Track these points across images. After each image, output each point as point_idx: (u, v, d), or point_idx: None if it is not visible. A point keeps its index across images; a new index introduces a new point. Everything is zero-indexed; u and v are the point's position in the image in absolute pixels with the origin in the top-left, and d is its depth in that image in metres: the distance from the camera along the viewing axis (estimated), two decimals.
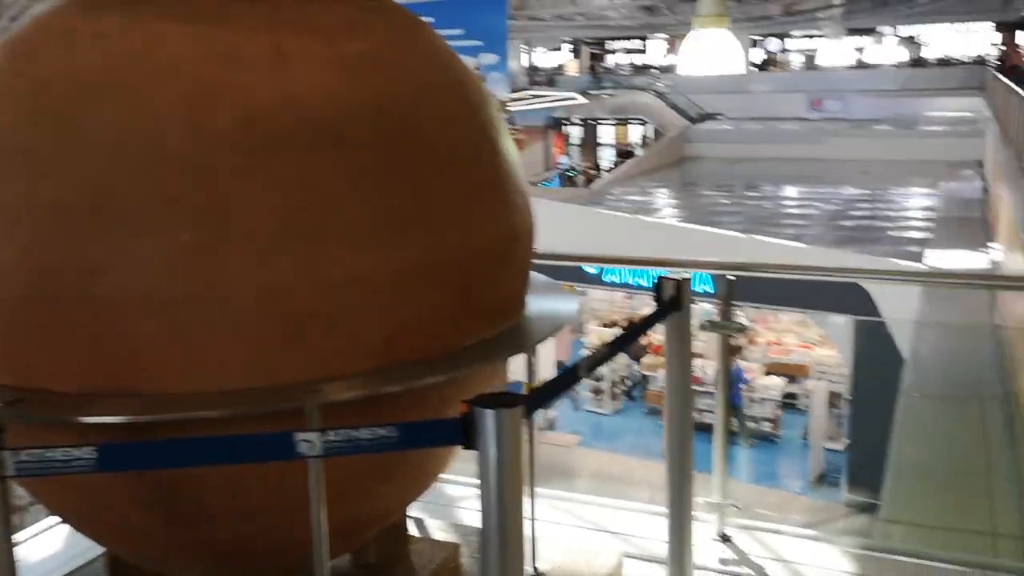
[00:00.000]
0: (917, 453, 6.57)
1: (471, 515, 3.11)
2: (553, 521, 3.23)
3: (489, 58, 14.37)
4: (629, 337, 2.36)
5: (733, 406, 14.88)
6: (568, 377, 1.91)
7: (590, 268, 14.12)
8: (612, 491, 3.81)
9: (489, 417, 1.55)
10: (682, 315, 2.54)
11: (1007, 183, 12.50)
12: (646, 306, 2.87)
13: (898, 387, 8.22)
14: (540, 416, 14.93)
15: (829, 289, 11.83)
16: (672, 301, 2.50)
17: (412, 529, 2.99)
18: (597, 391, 15.73)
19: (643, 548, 2.99)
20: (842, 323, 12.95)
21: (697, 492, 3.15)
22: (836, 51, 23.49)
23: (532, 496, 2.63)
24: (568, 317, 2.28)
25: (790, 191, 23.43)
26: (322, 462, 1.74)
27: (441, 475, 2.56)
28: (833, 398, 14.36)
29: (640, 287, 14.34)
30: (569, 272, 14.17)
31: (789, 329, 16.98)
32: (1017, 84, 22.93)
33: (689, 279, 2.54)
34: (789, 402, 15.64)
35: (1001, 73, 24.01)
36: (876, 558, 3.11)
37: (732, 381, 14.65)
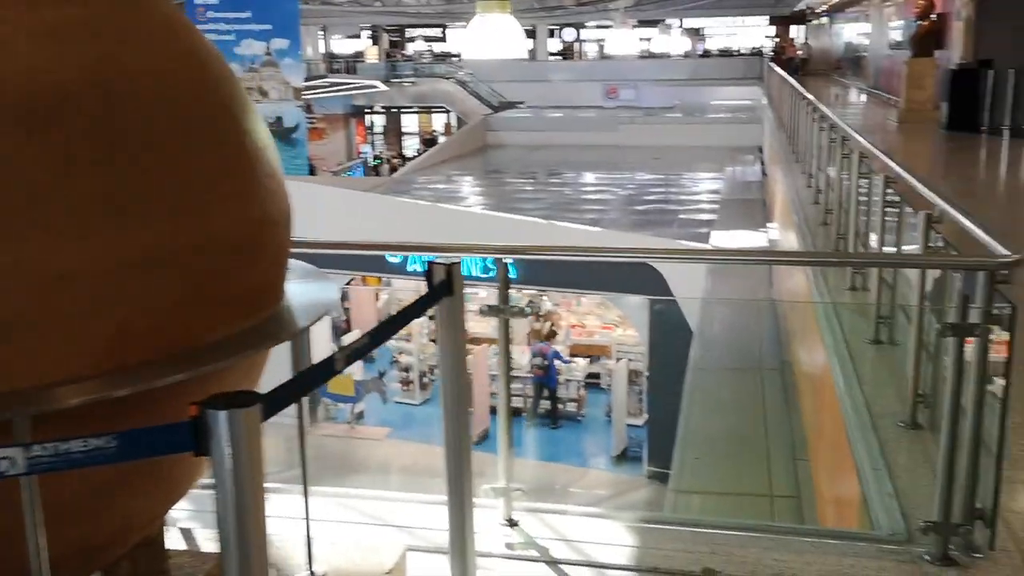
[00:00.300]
0: (703, 424, 6.91)
1: None
2: (338, 520, 3.12)
3: (280, 43, 13.95)
4: (395, 324, 2.27)
5: (549, 388, 15.30)
6: (319, 371, 1.79)
7: (393, 258, 14.00)
8: (416, 482, 3.73)
9: (221, 419, 1.42)
10: (454, 300, 2.48)
11: (781, 166, 13.38)
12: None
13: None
14: (347, 411, 14.71)
15: (626, 271, 12.29)
16: (443, 286, 2.44)
17: (178, 541, 2.80)
18: (406, 382, 15.64)
19: (429, 540, 2.93)
20: (638, 303, 13.51)
21: (490, 477, 3.13)
22: (626, 41, 24.38)
23: (306, 496, 2.50)
24: (329, 305, 2.17)
25: (589, 177, 24.20)
26: (36, 480, 1.56)
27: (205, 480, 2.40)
28: (633, 376, 14.95)
29: None
30: (372, 262, 14.07)
31: (591, 311, 17.55)
32: (790, 74, 24.62)
33: (459, 263, 2.48)
34: (592, 382, 16.16)
35: (776, 64, 25.72)
36: (659, 530, 3.19)
37: (548, 364, 15.10)
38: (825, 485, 4.93)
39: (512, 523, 3.10)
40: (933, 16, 15.56)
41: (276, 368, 2.12)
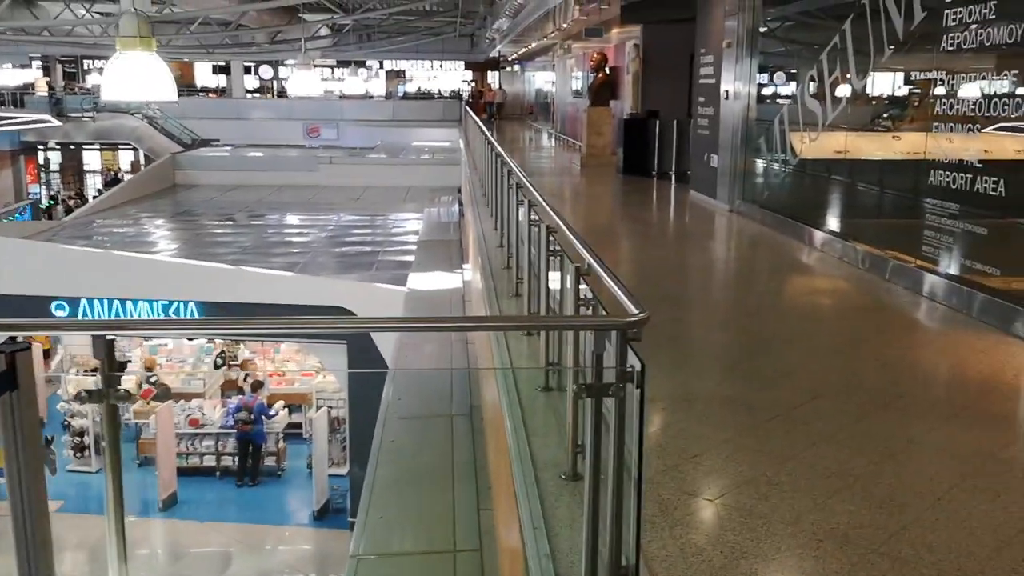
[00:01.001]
0: (391, 477, 6.70)
1: None
2: None
3: None
4: None
5: (255, 444, 14.44)
6: None
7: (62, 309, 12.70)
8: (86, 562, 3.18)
9: None
10: (21, 395, 2.06)
11: (473, 208, 13.67)
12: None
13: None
14: None
15: (323, 314, 11.94)
16: (3, 378, 2.02)
17: None
18: (80, 448, 14.13)
19: None
20: (335, 348, 13.16)
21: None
22: (308, 82, 23.89)
23: None
24: None
25: (290, 219, 23.57)
26: None
27: None
28: (336, 423, 14.54)
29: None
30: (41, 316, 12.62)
31: (290, 358, 16.93)
32: (488, 117, 25.36)
33: (29, 350, 2.07)
34: (293, 432, 15.53)
35: (473, 108, 26.57)
36: None
37: (255, 418, 14.26)
38: (503, 538, 4.88)
39: None
40: (607, 69, 16.73)
41: None
